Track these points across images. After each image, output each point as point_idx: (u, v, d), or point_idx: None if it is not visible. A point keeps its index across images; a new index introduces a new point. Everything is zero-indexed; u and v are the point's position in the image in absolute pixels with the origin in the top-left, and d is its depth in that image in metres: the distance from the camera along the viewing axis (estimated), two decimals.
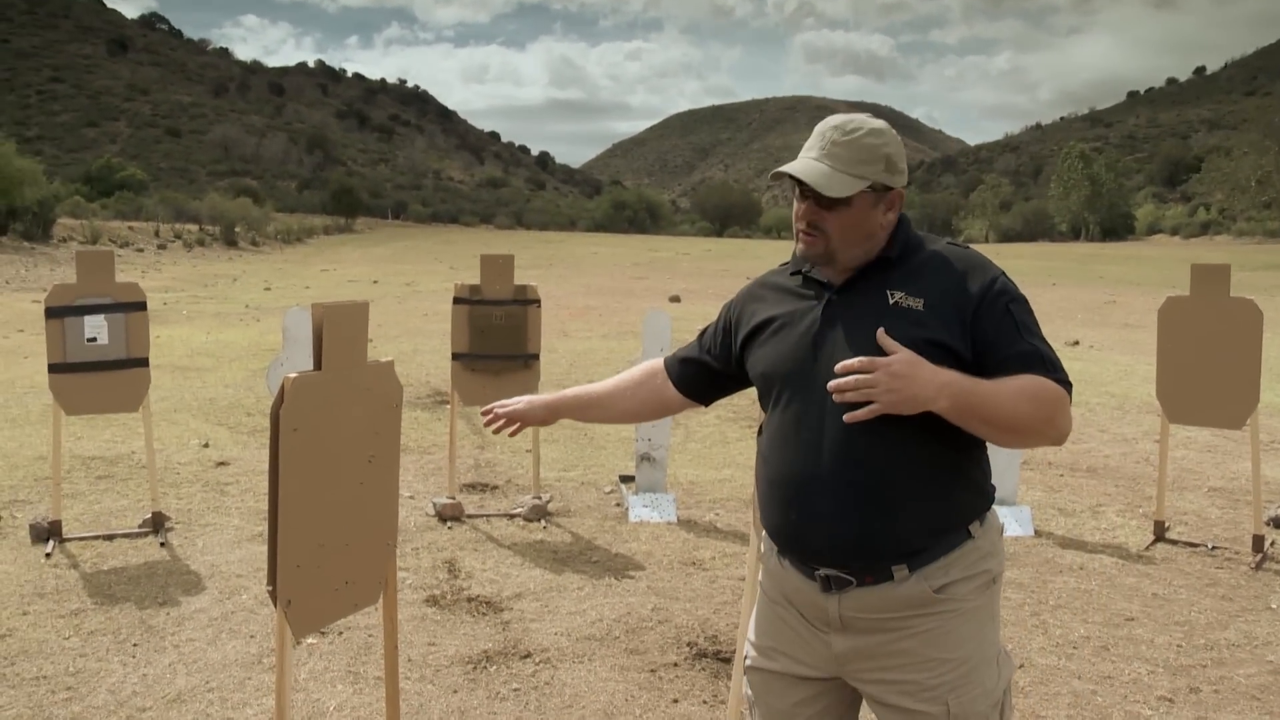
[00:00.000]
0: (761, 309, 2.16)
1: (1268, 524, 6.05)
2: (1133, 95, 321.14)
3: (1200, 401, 5.72)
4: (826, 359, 1.96)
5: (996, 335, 1.92)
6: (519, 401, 2.45)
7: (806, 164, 1.99)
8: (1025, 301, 1.99)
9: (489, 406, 2.49)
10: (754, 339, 2.15)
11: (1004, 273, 2.01)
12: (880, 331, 1.89)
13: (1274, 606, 4.87)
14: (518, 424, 2.46)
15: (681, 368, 2.37)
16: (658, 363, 2.44)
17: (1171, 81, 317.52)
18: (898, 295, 1.96)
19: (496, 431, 2.48)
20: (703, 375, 2.34)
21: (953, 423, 1.88)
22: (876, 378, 1.82)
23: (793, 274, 2.15)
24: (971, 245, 2.17)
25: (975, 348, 1.93)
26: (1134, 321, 18.08)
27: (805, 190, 2.00)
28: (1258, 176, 70.88)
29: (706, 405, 2.42)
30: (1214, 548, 5.70)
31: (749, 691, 2.19)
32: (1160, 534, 5.85)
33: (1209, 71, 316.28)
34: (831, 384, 1.87)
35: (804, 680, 2.09)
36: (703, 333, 2.36)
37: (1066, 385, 1.93)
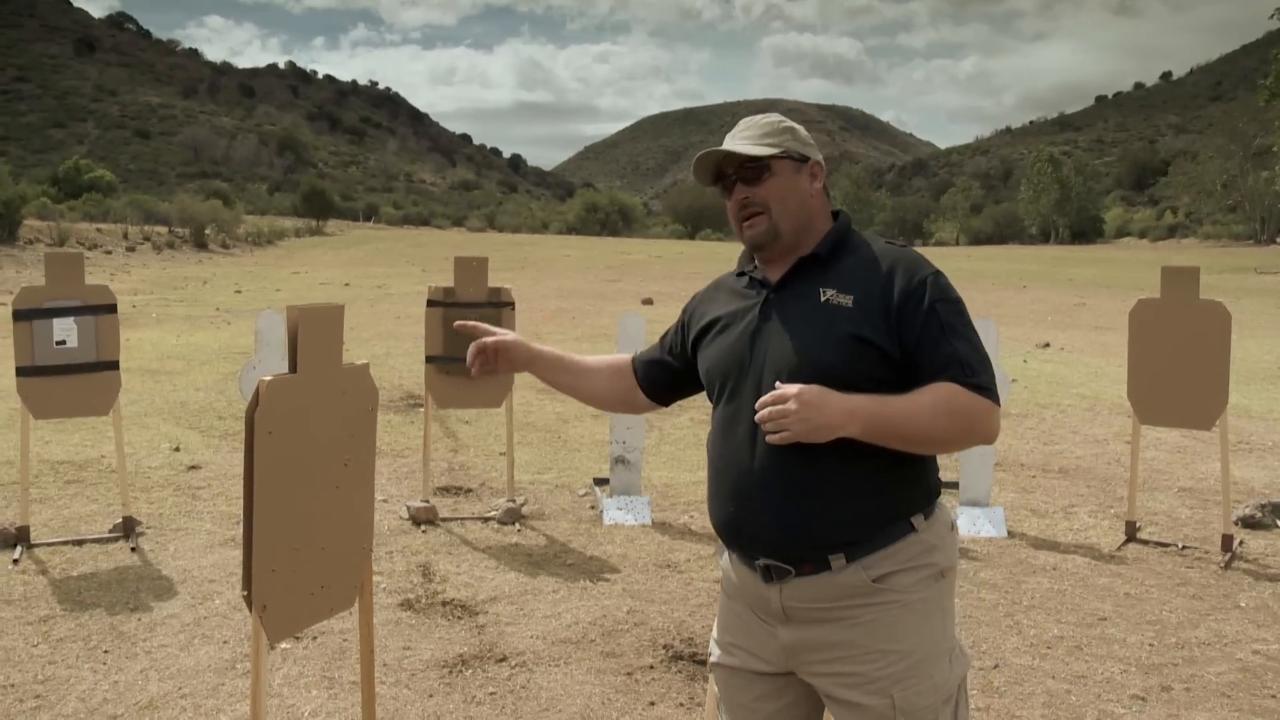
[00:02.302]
0: (711, 309, 2.22)
1: (1236, 523, 6.11)
2: (1100, 100, 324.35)
3: (1170, 403, 5.77)
4: (760, 355, 2.04)
5: (921, 335, 1.94)
6: (508, 334, 2.39)
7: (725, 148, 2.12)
8: (957, 302, 2.00)
9: (479, 339, 2.38)
10: (702, 338, 2.21)
11: (937, 272, 2.02)
12: (776, 383, 1.93)
13: (1243, 605, 4.92)
14: (492, 363, 2.38)
15: (645, 369, 2.39)
16: (628, 360, 2.45)
17: (1139, 86, 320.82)
18: (829, 293, 2.01)
19: (476, 370, 2.38)
20: (664, 376, 2.36)
21: (870, 443, 1.92)
22: (789, 408, 1.87)
23: (738, 275, 2.21)
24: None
25: (902, 346, 1.95)
26: (1104, 323, 18.24)
27: (729, 180, 2.11)
28: (1223, 181, 71.87)
29: (666, 406, 2.45)
30: (1184, 547, 5.76)
31: (716, 687, 2.20)
32: (1132, 534, 5.90)
33: (1175, 77, 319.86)
34: (757, 416, 1.92)
35: (762, 675, 2.10)
36: (665, 335, 2.39)
37: (985, 389, 1.93)
